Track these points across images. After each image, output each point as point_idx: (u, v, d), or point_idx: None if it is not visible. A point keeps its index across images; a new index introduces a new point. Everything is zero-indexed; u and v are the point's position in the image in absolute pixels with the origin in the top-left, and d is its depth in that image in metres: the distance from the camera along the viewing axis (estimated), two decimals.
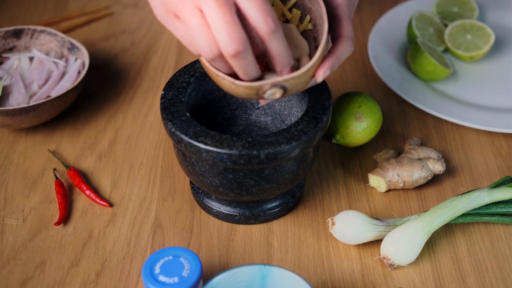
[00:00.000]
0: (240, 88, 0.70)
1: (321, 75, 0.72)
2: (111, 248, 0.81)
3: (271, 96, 0.71)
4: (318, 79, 0.72)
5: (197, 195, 0.85)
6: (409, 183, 0.86)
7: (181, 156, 0.79)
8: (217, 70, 0.71)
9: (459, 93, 1.02)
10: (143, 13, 1.20)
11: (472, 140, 0.95)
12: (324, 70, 0.72)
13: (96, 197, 0.86)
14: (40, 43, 1.03)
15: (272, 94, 0.70)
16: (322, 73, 0.72)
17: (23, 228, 0.84)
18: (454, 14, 1.12)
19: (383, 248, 0.78)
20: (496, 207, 0.82)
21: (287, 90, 0.71)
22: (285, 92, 0.71)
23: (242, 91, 0.71)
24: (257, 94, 0.71)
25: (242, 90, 0.71)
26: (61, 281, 0.78)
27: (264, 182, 0.76)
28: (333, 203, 0.87)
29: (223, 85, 0.72)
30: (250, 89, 0.70)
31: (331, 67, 0.72)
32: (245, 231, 0.83)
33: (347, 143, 0.90)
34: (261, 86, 0.70)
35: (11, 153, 0.94)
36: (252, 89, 0.70)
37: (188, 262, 0.71)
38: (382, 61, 1.05)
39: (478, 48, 1.06)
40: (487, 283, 0.78)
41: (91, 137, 0.96)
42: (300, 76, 0.70)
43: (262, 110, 0.89)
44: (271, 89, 0.70)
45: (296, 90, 0.73)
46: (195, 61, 0.84)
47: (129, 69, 1.08)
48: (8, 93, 0.96)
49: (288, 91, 0.71)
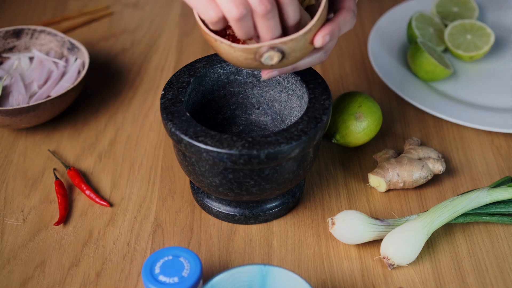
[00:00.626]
0: (238, 51, 0.69)
1: (320, 40, 0.71)
2: (111, 248, 0.81)
3: (268, 60, 0.69)
4: (316, 43, 0.71)
5: (197, 195, 0.85)
6: (409, 183, 0.86)
7: (181, 156, 0.79)
8: (215, 35, 0.70)
9: (459, 93, 1.02)
10: (143, 13, 1.20)
11: (472, 140, 0.95)
12: (322, 34, 0.71)
13: (96, 197, 0.86)
14: (40, 43, 1.03)
15: (270, 57, 0.69)
16: (320, 37, 0.71)
17: (23, 228, 0.84)
18: (454, 14, 1.12)
19: (383, 248, 0.78)
20: (496, 207, 0.82)
21: (285, 54, 0.70)
22: (283, 57, 0.70)
23: (240, 55, 0.70)
24: (255, 58, 0.70)
25: (240, 54, 0.70)
26: (61, 281, 0.78)
27: (264, 182, 0.76)
28: (333, 203, 0.87)
29: (221, 50, 0.71)
30: (247, 52, 0.69)
31: (330, 33, 0.71)
32: (245, 231, 0.83)
33: (347, 143, 0.90)
34: (258, 48, 0.69)
35: (11, 153, 0.94)
36: (250, 52, 0.69)
37: (188, 262, 0.71)
38: (382, 61, 1.05)
39: (478, 48, 1.06)
40: (487, 283, 0.78)
41: (91, 137, 0.96)
42: (298, 39, 0.69)
43: (262, 110, 0.89)
44: (268, 52, 0.69)
45: (295, 57, 0.71)
46: (195, 61, 0.84)
47: (129, 69, 1.08)
48: (8, 93, 0.96)
49: (287, 56, 0.70)
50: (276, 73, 0.76)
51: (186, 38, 1.14)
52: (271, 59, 0.69)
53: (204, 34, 0.72)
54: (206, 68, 0.83)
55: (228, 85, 0.87)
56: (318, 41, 0.71)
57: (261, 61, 0.70)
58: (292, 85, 0.84)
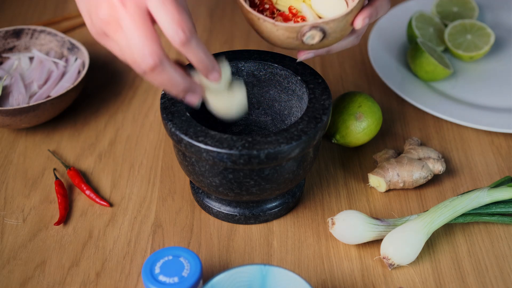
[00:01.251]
0: (281, 30, 0.72)
1: (360, 22, 0.75)
2: (111, 248, 0.81)
3: (310, 40, 0.72)
4: (356, 25, 0.75)
5: (197, 195, 0.85)
6: (409, 183, 0.86)
7: (181, 156, 0.79)
8: (258, 13, 0.73)
9: (459, 93, 1.02)
10: None
11: (472, 140, 0.95)
12: (363, 17, 0.75)
13: (96, 197, 0.86)
14: (40, 43, 1.03)
15: (312, 36, 0.72)
16: (361, 20, 0.75)
17: (23, 228, 0.84)
18: (454, 14, 1.12)
19: (383, 248, 0.78)
20: (496, 207, 0.82)
21: (326, 34, 0.73)
22: (324, 37, 0.73)
23: (283, 33, 0.73)
24: (297, 38, 0.73)
25: (283, 33, 0.73)
26: (61, 281, 0.78)
27: (264, 182, 0.76)
28: (333, 203, 0.87)
29: (263, 28, 0.74)
30: (290, 30, 0.72)
31: (369, 16, 0.75)
32: (245, 231, 0.83)
33: (347, 143, 0.90)
34: (301, 27, 0.72)
35: (11, 153, 0.94)
36: (293, 30, 0.72)
37: (188, 262, 0.71)
38: (382, 61, 1.05)
39: (478, 48, 1.06)
40: (487, 283, 0.78)
41: (91, 137, 0.96)
42: (340, 19, 0.72)
43: (262, 110, 0.89)
44: (310, 31, 0.72)
45: (335, 37, 0.74)
46: None
47: (129, 69, 1.08)
48: (8, 93, 0.96)
49: (327, 36, 0.73)
50: (312, 55, 0.79)
51: None
52: (313, 38, 0.73)
53: (246, 13, 0.74)
54: None
55: None
56: (359, 23, 0.75)
57: (302, 40, 0.73)
58: (292, 85, 0.84)
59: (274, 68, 0.84)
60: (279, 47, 0.77)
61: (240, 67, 0.85)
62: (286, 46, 0.75)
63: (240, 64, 0.85)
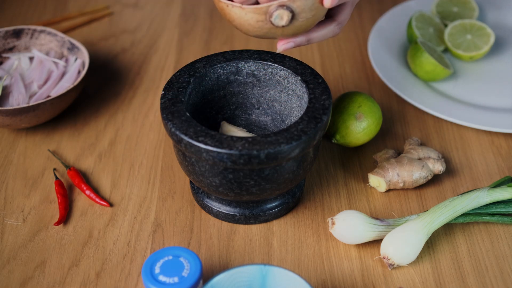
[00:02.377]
0: (249, 13, 0.73)
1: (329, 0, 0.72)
2: (111, 248, 0.81)
3: (278, 20, 0.72)
4: (325, 3, 0.73)
5: (197, 195, 0.85)
6: (409, 183, 0.86)
7: (181, 156, 0.79)
8: (226, 1, 0.74)
9: (459, 93, 1.02)
10: (143, 13, 1.20)
11: (472, 140, 0.95)
12: None
13: (96, 197, 0.86)
14: (40, 43, 1.03)
15: (280, 16, 0.72)
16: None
17: (23, 228, 0.84)
18: (454, 14, 1.12)
19: (383, 248, 0.78)
20: (496, 207, 0.82)
21: (295, 13, 0.72)
22: (293, 17, 0.72)
23: (251, 17, 0.73)
24: (266, 19, 0.73)
25: (251, 16, 0.73)
26: (61, 281, 0.78)
27: (264, 182, 0.76)
28: (333, 203, 0.87)
29: (233, 15, 0.74)
30: (258, 12, 0.72)
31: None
32: (245, 231, 0.83)
33: (347, 143, 0.90)
34: (268, 7, 0.72)
35: (11, 153, 0.94)
36: (260, 12, 0.72)
37: (188, 262, 0.71)
38: (382, 61, 1.05)
39: (478, 48, 1.06)
40: (487, 283, 0.78)
41: (91, 137, 0.96)
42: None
43: (262, 110, 0.89)
44: (277, 10, 0.72)
45: (305, 17, 0.74)
46: (195, 61, 0.84)
47: (129, 69, 1.08)
48: (8, 93, 0.96)
49: (296, 16, 0.73)
50: (292, 44, 0.77)
51: (186, 38, 1.14)
52: (281, 19, 0.72)
53: (217, 3, 0.75)
54: (206, 68, 0.83)
55: (228, 85, 0.87)
56: (327, 1, 0.72)
57: (271, 21, 0.72)
58: (292, 85, 0.84)
59: (274, 68, 0.84)
60: (253, 35, 0.77)
61: (240, 67, 0.85)
62: (259, 32, 0.75)
63: (240, 64, 0.85)
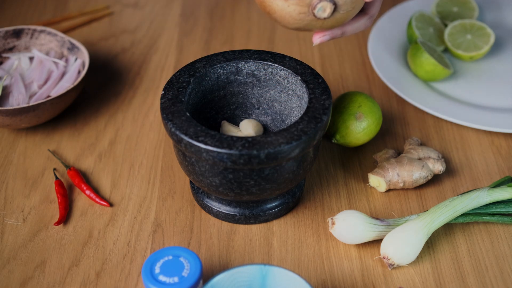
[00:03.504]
0: (292, 5, 0.73)
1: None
2: (111, 248, 0.81)
3: (321, 12, 0.73)
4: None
5: (197, 195, 0.85)
6: (409, 183, 0.86)
7: (181, 156, 0.79)
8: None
9: (459, 93, 1.02)
10: (143, 13, 1.20)
11: (472, 140, 0.95)
12: None
13: (96, 197, 0.86)
14: (40, 43, 1.03)
15: (323, 8, 0.73)
16: None
17: (23, 228, 0.84)
18: (454, 14, 1.12)
19: (383, 248, 0.78)
20: (496, 207, 0.82)
21: (337, 5, 0.73)
22: (335, 9, 0.74)
23: (294, 9, 0.73)
24: (309, 12, 0.74)
25: (294, 8, 0.73)
26: (61, 281, 0.78)
27: (264, 182, 0.76)
28: (333, 203, 0.87)
29: (274, 7, 0.75)
30: (301, 4, 0.73)
31: None
32: (245, 231, 0.83)
33: (347, 143, 0.90)
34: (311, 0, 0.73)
35: (11, 153, 0.94)
36: (303, 4, 0.73)
37: (188, 262, 0.71)
38: (382, 61, 1.05)
39: (478, 48, 1.06)
40: (487, 283, 0.78)
41: (91, 137, 0.96)
42: None
43: (262, 110, 0.89)
44: (321, 3, 0.73)
45: (346, 10, 0.75)
46: (195, 61, 0.84)
47: (129, 69, 1.08)
48: (8, 93, 0.96)
49: (338, 8, 0.74)
50: (328, 37, 0.79)
51: (186, 38, 1.14)
52: (324, 11, 0.73)
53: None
54: (206, 68, 0.83)
55: (228, 85, 0.87)
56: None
57: (314, 13, 0.73)
58: (292, 85, 0.84)
59: (274, 68, 0.84)
60: (292, 28, 0.78)
61: (240, 67, 0.85)
62: (299, 24, 0.76)
63: (240, 64, 0.85)
